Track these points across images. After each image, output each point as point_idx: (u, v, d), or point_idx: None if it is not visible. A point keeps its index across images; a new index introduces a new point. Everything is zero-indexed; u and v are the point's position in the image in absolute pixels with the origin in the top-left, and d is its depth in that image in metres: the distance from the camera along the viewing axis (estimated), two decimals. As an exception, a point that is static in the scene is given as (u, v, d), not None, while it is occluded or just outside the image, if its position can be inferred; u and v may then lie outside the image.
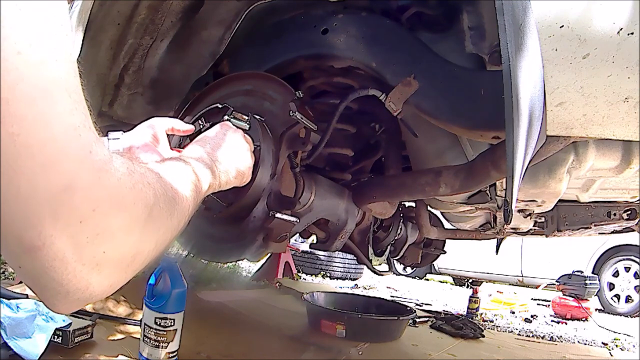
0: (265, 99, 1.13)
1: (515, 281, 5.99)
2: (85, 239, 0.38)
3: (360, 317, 2.14)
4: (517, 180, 0.79)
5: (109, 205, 0.40)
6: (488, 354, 2.26)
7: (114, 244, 0.41)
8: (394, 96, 1.13)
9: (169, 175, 0.57)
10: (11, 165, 0.33)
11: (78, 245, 0.38)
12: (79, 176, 0.37)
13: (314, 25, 1.24)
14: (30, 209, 0.35)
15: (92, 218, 0.38)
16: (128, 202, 0.42)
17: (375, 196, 1.48)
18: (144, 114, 1.49)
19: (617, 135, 0.83)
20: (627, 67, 0.73)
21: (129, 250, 0.44)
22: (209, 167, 0.72)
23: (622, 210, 1.68)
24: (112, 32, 1.28)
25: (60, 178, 0.35)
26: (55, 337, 1.27)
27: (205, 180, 0.68)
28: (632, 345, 3.05)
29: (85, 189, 0.37)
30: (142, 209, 0.45)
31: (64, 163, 0.35)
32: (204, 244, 1.15)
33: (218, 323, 1.97)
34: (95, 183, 0.38)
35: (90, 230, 0.38)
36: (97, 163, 0.39)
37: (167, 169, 0.58)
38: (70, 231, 0.37)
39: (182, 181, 0.59)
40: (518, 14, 0.73)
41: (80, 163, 0.37)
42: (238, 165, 0.83)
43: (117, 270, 0.43)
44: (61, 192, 0.35)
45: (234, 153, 0.83)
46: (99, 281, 0.41)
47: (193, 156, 0.71)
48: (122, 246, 0.42)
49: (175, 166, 0.63)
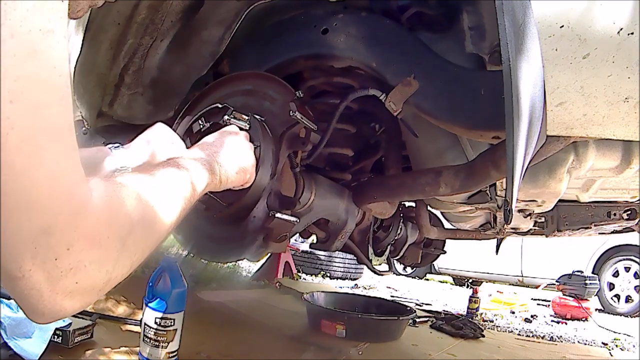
0: (266, 98, 1.13)
1: (515, 281, 5.99)
2: (60, 273, 0.41)
3: (360, 317, 2.14)
4: (517, 180, 0.79)
5: (83, 244, 0.43)
6: (488, 354, 2.26)
7: (87, 275, 0.44)
8: (394, 96, 1.13)
9: (156, 187, 0.57)
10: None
11: (53, 279, 0.41)
12: (57, 220, 0.40)
13: (314, 25, 1.24)
14: (13, 245, 0.39)
15: (67, 256, 0.41)
16: (102, 237, 0.45)
17: (375, 196, 1.48)
18: (144, 113, 1.49)
19: (617, 135, 0.83)
20: (627, 67, 0.73)
21: (101, 279, 0.46)
22: (208, 165, 0.73)
23: (622, 210, 1.68)
24: (112, 32, 1.28)
25: (39, 222, 0.39)
26: (55, 337, 1.27)
27: (201, 180, 0.69)
28: (632, 345, 3.05)
29: (61, 231, 0.40)
30: (116, 241, 0.47)
31: (45, 208, 0.39)
32: (204, 244, 1.15)
33: (218, 323, 1.97)
34: (72, 225, 0.41)
35: (64, 266, 0.41)
36: (75, 207, 0.42)
37: (155, 180, 0.59)
38: (46, 267, 0.40)
39: (169, 190, 0.60)
40: (518, 14, 0.73)
41: (60, 208, 0.40)
42: (240, 163, 0.83)
43: (89, 295, 0.46)
44: (39, 234, 0.39)
45: (234, 151, 0.83)
46: (72, 305, 0.44)
47: (190, 156, 0.72)
48: (94, 276, 0.45)
49: (165, 173, 0.62)
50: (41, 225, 0.39)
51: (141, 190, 0.54)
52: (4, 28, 0.35)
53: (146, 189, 0.55)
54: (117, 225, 0.47)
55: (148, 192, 0.55)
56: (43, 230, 0.39)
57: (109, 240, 0.46)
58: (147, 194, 0.55)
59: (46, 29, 0.38)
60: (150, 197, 0.55)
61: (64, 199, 0.40)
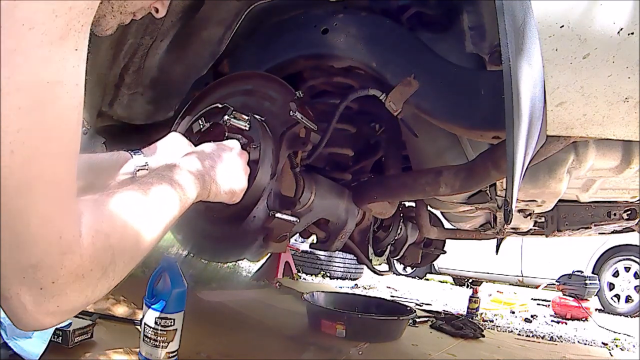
0: (266, 98, 1.13)
1: (515, 281, 5.98)
2: (44, 299, 0.46)
3: (360, 317, 2.14)
4: (517, 180, 0.79)
5: (67, 278, 0.47)
6: (488, 354, 2.26)
7: (68, 300, 0.49)
8: (394, 96, 1.13)
9: (145, 208, 0.60)
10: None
11: (37, 302, 0.46)
12: (45, 258, 0.44)
13: (314, 25, 1.24)
14: (5, 273, 0.44)
15: (51, 287, 0.46)
16: (85, 271, 0.49)
17: (375, 196, 1.48)
18: (144, 113, 1.49)
19: (617, 135, 0.83)
20: (627, 67, 0.73)
21: (80, 302, 0.51)
22: (201, 178, 0.75)
23: (622, 210, 1.68)
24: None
25: (29, 258, 0.43)
26: (55, 337, 1.26)
27: (191, 194, 0.71)
28: (632, 345, 3.05)
29: (48, 268, 0.45)
30: (98, 271, 0.51)
31: (34, 247, 0.43)
32: (204, 244, 1.15)
33: (218, 323, 1.97)
34: (58, 264, 0.45)
35: (48, 294, 0.46)
36: (64, 247, 0.45)
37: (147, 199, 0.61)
38: (32, 293, 0.45)
39: (159, 210, 0.63)
40: (518, 14, 0.73)
41: (48, 248, 0.44)
42: (232, 185, 0.84)
43: (68, 314, 0.51)
44: (28, 268, 0.43)
45: (229, 171, 0.84)
46: (51, 321, 0.50)
47: (187, 167, 0.74)
48: (74, 301, 0.50)
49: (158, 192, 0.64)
50: (30, 261, 0.43)
51: (129, 214, 0.57)
52: (11, 82, 0.37)
53: (135, 213, 0.58)
54: (100, 259, 0.51)
55: (136, 216, 0.58)
56: (31, 265, 0.43)
57: (91, 272, 0.50)
58: (134, 219, 0.57)
59: (54, 81, 0.40)
60: (137, 222, 0.58)
61: (53, 240, 0.44)
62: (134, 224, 0.57)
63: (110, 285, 0.55)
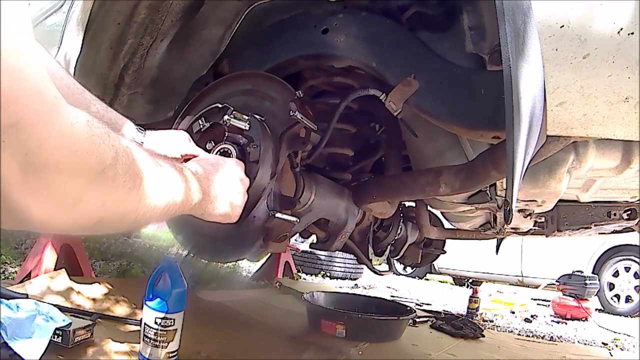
0: (266, 98, 1.13)
1: (515, 281, 5.99)
2: (30, 167, 0.42)
3: (360, 317, 2.14)
4: (518, 180, 0.79)
5: (57, 145, 0.43)
6: (488, 354, 2.26)
7: (58, 179, 0.45)
8: (394, 96, 1.13)
9: (157, 171, 0.59)
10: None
11: (23, 171, 0.42)
12: (26, 115, 0.40)
13: (314, 25, 1.24)
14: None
15: (39, 152, 0.42)
16: (80, 149, 0.45)
17: (375, 196, 1.48)
18: (144, 113, 1.49)
19: (618, 135, 0.83)
20: (628, 67, 0.73)
21: (71, 191, 0.47)
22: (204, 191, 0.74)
23: (622, 210, 1.68)
24: (112, 32, 1.28)
25: (6, 116, 0.39)
26: (55, 337, 1.26)
27: (196, 194, 0.71)
28: (632, 345, 3.05)
29: (32, 126, 0.41)
30: (96, 162, 0.48)
31: (10, 103, 0.39)
32: (204, 244, 1.15)
33: (218, 323, 1.97)
34: (43, 123, 0.42)
35: (36, 161, 0.42)
36: (47, 105, 0.42)
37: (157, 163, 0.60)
38: (17, 160, 0.41)
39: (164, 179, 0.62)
40: (518, 14, 0.73)
41: (28, 103, 0.40)
42: (228, 210, 0.84)
43: (57, 206, 0.47)
44: (8, 128, 0.39)
45: (227, 188, 0.84)
46: (38, 208, 0.45)
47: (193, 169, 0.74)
48: (65, 184, 0.46)
49: (171, 167, 0.64)
50: (9, 120, 0.39)
51: (138, 157, 0.55)
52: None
53: (144, 161, 0.56)
54: (99, 147, 0.48)
55: (144, 164, 0.56)
56: (11, 124, 0.40)
57: (87, 155, 0.46)
58: (141, 165, 0.55)
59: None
60: (142, 164, 0.56)
61: (33, 94, 0.41)
62: (140, 165, 0.55)
63: (102, 203, 0.51)
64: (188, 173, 0.70)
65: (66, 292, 1.66)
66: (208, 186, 0.77)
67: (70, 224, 0.51)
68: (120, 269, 2.66)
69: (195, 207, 0.73)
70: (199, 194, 0.73)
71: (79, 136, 0.45)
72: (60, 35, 1.33)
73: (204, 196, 0.75)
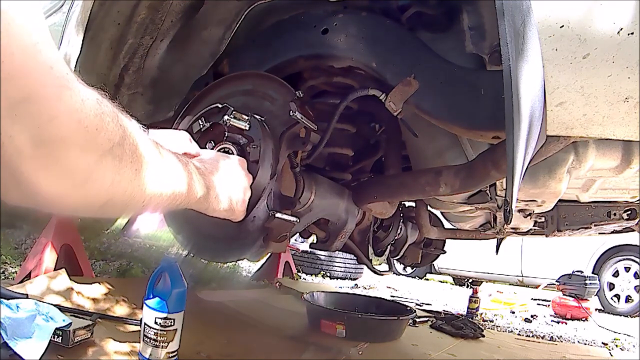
0: (266, 98, 1.13)
1: (515, 281, 5.99)
2: (41, 141, 0.43)
3: (360, 317, 2.14)
4: (517, 180, 0.79)
5: (68, 120, 0.44)
6: (488, 354, 2.25)
7: (68, 154, 0.45)
8: (394, 96, 1.13)
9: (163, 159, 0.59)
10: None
11: (34, 145, 0.42)
12: (38, 90, 0.41)
13: (314, 25, 1.24)
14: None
15: (50, 126, 0.42)
16: (90, 125, 0.46)
17: (375, 196, 1.48)
18: (144, 113, 1.49)
19: (617, 135, 0.83)
20: (627, 67, 0.73)
21: (82, 167, 0.47)
22: (207, 186, 0.74)
23: (622, 210, 1.68)
24: (112, 32, 1.28)
25: (18, 90, 0.39)
26: (55, 337, 1.26)
27: (199, 188, 0.71)
28: (632, 345, 3.05)
29: (44, 100, 0.41)
30: (105, 139, 0.48)
31: (23, 77, 0.39)
32: (204, 244, 1.15)
33: (218, 323, 1.97)
34: (55, 97, 0.42)
35: (47, 135, 0.43)
36: (59, 80, 0.43)
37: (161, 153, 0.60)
38: (28, 133, 0.42)
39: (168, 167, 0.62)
40: (518, 14, 0.73)
41: (40, 77, 0.41)
42: (232, 205, 0.84)
43: (67, 182, 0.47)
44: (20, 102, 0.40)
45: (231, 184, 0.84)
46: (48, 183, 0.45)
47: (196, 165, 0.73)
48: (75, 160, 0.46)
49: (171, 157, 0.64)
50: (21, 94, 0.40)
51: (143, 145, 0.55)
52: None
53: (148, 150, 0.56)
54: (108, 126, 0.48)
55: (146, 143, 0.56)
56: (23, 98, 0.40)
57: (97, 132, 0.47)
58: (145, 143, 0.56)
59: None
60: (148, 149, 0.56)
61: (45, 70, 0.41)
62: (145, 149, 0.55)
63: (112, 181, 0.51)
64: (192, 167, 0.71)
65: (66, 292, 1.66)
66: (212, 181, 0.77)
67: (79, 202, 0.51)
68: (120, 269, 2.66)
69: (200, 200, 0.73)
70: (203, 188, 0.73)
71: (89, 112, 0.46)
72: (60, 35, 1.33)
73: (208, 190, 0.75)
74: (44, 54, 0.41)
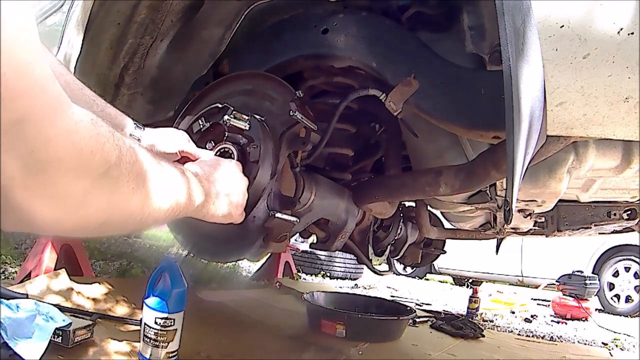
0: (266, 98, 1.13)
1: (515, 281, 5.99)
2: (34, 166, 0.41)
3: (360, 317, 2.14)
4: (518, 180, 0.79)
5: (62, 143, 0.42)
6: (488, 354, 2.26)
7: (62, 179, 0.44)
8: (394, 96, 1.13)
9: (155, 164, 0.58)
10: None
11: (27, 172, 0.41)
12: (32, 112, 0.39)
13: (314, 25, 1.24)
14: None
15: (44, 150, 0.41)
16: (85, 147, 0.45)
17: (375, 196, 1.48)
18: (144, 113, 1.49)
19: (618, 135, 0.83)
20: (628, 67, 0.73)
21: (76, 191, 0.46)
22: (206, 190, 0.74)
23: (622, 210, 1.68)
24: (112, 32, 1.28)
25: (11, 112, 0.38)
26: (55, 337, 1.26)
27: (198, 195, 0.70)
28: (632, 345, 3.05)
29: (37, 123, 0.40)
30: (100, 162, 0.47)
31: (15, 99, 0.38)
32: (204, 244, 1.15)
33: (218, 323, 1.97)
34: (49, 119, 0.41)
35: (41, 160, 0.41)
36: (52, 101, 0.41)
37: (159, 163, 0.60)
38: (20, 159, 0.40)
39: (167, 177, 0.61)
40: (518, 14, 0.73)
41: (32, 99, 0.39)
42: (229, 201, 0.83)
43: (62, 207, 0.46)
44: (13, 124, 0.38)
45: (228, 189, 0.83)
46: (43, 210, 0.44)
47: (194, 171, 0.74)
48: (70, 184, 0.45)
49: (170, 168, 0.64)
50: (13, 117, 0.38)
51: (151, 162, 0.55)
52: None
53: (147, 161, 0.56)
54: (104, 147, 0.47)
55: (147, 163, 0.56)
56: (16, 121, 0.38)
57: (92, 155, 0.46)
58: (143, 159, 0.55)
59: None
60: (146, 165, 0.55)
61: (38, 91, 0.40)
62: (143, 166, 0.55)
63: (108, 203, 0.50)
64: (189, 175, 0.70)
65: (66, 292, 1.66)
66: (209, 187, 0.77)
67: (76, 226, 0.50)
68: (120, 269, 2.66)
69: (198, 208, 0.73)
70: (201, 195, 0.73)
71: (84, 134, 0.45)
72: (60, 35, 1.34)
73: (206, 197, 0.74)
74: (37, 73, 0.39)
